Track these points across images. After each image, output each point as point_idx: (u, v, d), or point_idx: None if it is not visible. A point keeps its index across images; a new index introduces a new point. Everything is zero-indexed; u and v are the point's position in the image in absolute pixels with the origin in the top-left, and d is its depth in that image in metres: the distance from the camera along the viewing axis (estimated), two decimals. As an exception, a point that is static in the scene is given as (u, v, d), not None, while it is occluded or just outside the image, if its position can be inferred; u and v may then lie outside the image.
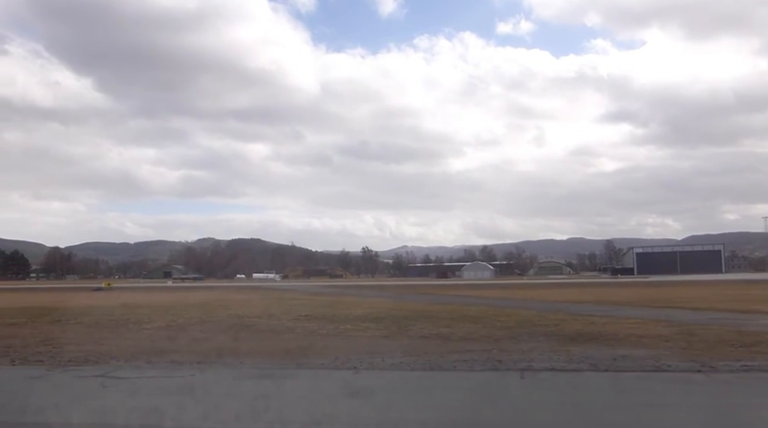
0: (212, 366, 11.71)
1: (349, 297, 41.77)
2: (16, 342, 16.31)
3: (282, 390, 9.57)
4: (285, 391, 9.45)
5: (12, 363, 12.68)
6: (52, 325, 21.78)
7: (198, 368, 11.55)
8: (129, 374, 11.03)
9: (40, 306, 33.26)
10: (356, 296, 43.01)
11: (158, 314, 25.70)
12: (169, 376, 10.78)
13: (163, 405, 8.30)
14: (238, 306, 30.98)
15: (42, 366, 12.14)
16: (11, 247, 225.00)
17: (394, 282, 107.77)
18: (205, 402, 8.69)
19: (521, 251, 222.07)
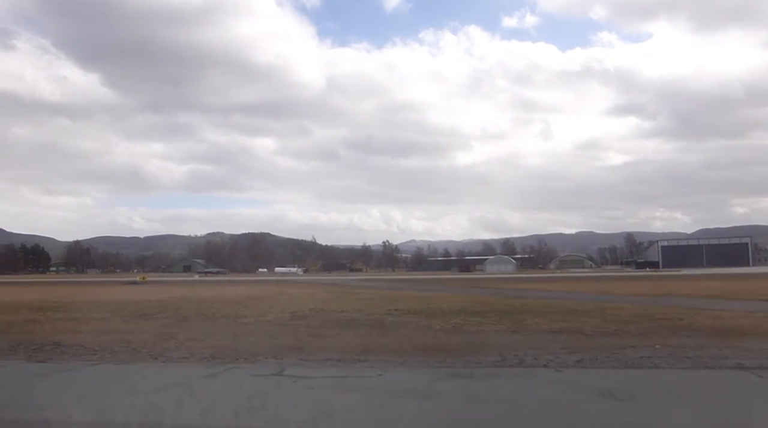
0: (385, 365, 10.75)
1: (408, 291, 40.79)
2: (133, 338, 15.50)
3: (519, 390, 8.57)
4: (524, 392, 8.45)
5: (159, 360, 11.83)
6: (142, 321, 20.98)
7: (370, 365, 10.64)
8: (306, 373, 10.10)
9: (104, 301, 32.60)
10: (412, 290, 42.07)
11: (237, 309, 24.84)
12: (357, 376, 9.81)
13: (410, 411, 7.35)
14: (313, 300, 30.12)
15: (197, 363, 11.28)
16: (22, 241, 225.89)
17: (420, 276, 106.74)
18: (453, 405, 7.71)
19: (542, 244, 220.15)
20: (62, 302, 31.55)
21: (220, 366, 10.77)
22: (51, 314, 23.25)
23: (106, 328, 18.38)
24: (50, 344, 14.58)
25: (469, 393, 8.25)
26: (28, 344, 14.67)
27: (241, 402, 7.82)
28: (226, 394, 8.50)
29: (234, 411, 7.31)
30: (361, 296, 34.31)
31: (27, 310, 25.60)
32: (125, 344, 14.54)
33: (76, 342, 15.05)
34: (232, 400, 8.07)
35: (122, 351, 13.28)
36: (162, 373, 10.43)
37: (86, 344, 14.52)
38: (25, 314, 23.84)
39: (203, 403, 7.71)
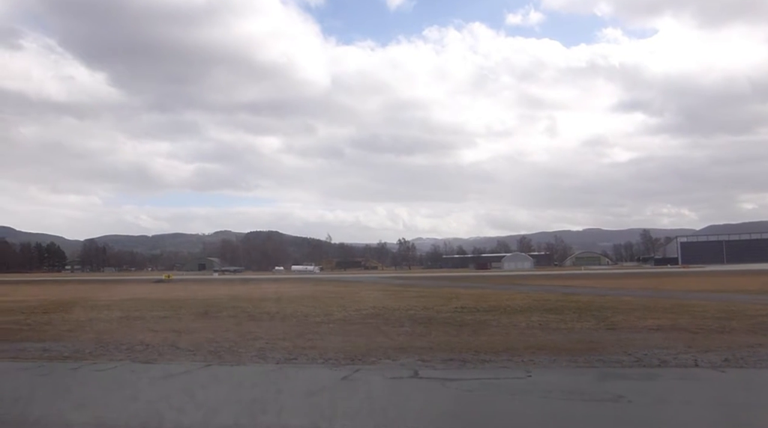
0: (526, 366, 10.17)
1: (453, 289, 40.17)
2: (218, 338, 15.01)
3: (705, 393, 7.99)
4: (714, 395, 7.88)
5: (268, 361, 11.30)
6: (209, 319, 20.54)
7: (503, 366, 10.09)
8: (446, 374, 9.56)
9: (152, 299, 32.27)
10: (456, 288, 41.44)
11: (296, 307, 24.37)
12: (506, 377, 9.26)
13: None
14: (367, 299, 29.58)
15: (312, 365, 10.75)
16: (31, 240, 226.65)
17: (442, 273, 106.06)
18: (649, 410, 7.13)
19: (559, 241, 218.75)
20: (109, 300, 31.28)
21: (344, 368, 10.18)
22: (110, 313, 22.83)
23: (178, 327, 17.95)
24: (138, 344, 14.12)
25: (654, 397, 7.66)
26: (115, 344, 14.21)
27: (426, 409, 7.33)
28: (391, 400, 7.92)
29: (427, 419, 6.78)
30: (409, 293, 33.76)
31: (81, 309, 25.22)
32: (214, 344, 14.04)
33: (162, 341, 14.61)
34: (411, 407, 7.48)
35: (220, 351, 12.76)
36: (295, 377, 9.86)
37: (176, 344, 14.09)
38: (83, 312, 23.47)
39: (381, 410, 7.18)
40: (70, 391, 8.97)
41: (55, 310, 24.73)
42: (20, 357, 12.34)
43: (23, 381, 9.74)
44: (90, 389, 9.20)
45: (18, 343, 14.55)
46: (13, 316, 22.43)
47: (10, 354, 12.82)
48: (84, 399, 8.27)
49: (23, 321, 20.56)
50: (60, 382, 9.66)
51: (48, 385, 9.42)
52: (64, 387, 9.26)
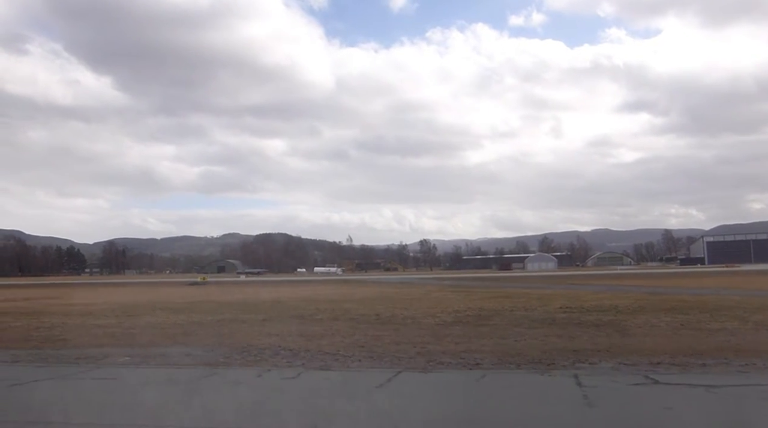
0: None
1: (516, 289, 39.31)
2: (363, 341, 14.28)
3: None
4: None
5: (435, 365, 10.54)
6: (312, 323, 19.83)
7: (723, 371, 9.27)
8: (686, 379, 8.75)
9: (226, 302, 31.69)
10: (516, 288, 40.57)
11: (384, 309, 23.64)
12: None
13: None
14: (447, 300, 28.83)
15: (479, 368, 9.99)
16: (40, 243, 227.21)
17: (472, 274, 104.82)
18: None
19: (582, 241, 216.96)
20: (187, 302, 30.85)
21: (562, 376, 9.38)
22: (209, 317, 22.15)
23: (297, 330, 17.17)
24: (270, 347, 13.43)
25: None
26: (239, 348, 13.52)
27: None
28: (684, 415, 7.11)
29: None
30: (482, 294, 32.92)
31: (200, 313, 24.57)
32: (359, 348, 13.34)
33: (347, 346, 13.78)
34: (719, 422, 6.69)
35: (376, 356, 12.00)
36: (534, 383, 9.10)
37: (320, 348, 13.36)
38: (200, 316, 22.86)
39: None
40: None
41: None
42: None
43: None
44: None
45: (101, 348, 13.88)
46: (106, 319, 21.86)
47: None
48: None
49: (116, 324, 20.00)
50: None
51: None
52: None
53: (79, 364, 11.77)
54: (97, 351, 13.55)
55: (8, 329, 19.36)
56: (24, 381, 9.91)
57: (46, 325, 20.10)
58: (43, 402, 8.24)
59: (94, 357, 12.65)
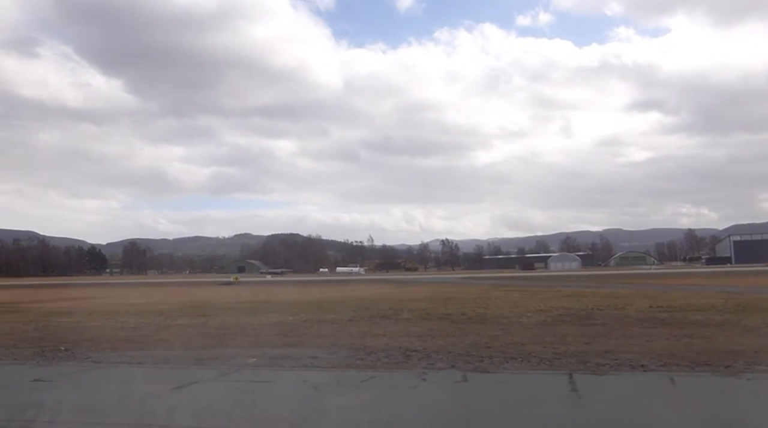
0: None
1: (575, 289, 38.55)
2: (483, 342, 13.71)
3: None
4: None
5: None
6: (400, 323, 19.30)
7: None
8: None
9: (286, 302, 31.28)
10: (577, 288, 39.79)
11: (458, 309, 23.09)
12: None
13: None
14: (520, 299, 28.17)
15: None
16: (54, 243, 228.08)
17: (500, 274, 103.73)
18: None
19: (605, 240, 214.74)
20: (244, 302, 30.46)
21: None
22: (290, 318, 21.73)
23: (398, 331, 16.67)
24: (391, 348, 12.90)
25: None
26: (357, 349, 13.02)
27: None
28: None
29: None
30: (547, 294, 32.18)
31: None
32: (487, 348, 12.77)
33: (415, 346, 13.30)
34: None
35: (522, 357, 11.41)
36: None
37: (445, 348, 12.80)
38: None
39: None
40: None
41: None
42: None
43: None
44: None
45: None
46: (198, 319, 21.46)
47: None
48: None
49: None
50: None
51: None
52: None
53: (210, 365, 11.32)
54: (217, 351, 13.10)
55: (93, 328, 18.98)
56: (191, 381, 9.38)
57: (129, 325, 19.73)
58: (242, 405, 7.74)
59: (218, 359, 12.18)
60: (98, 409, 7.73)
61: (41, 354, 13.54)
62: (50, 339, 16.14)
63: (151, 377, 10.27)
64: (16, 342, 15.77)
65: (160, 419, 7.03)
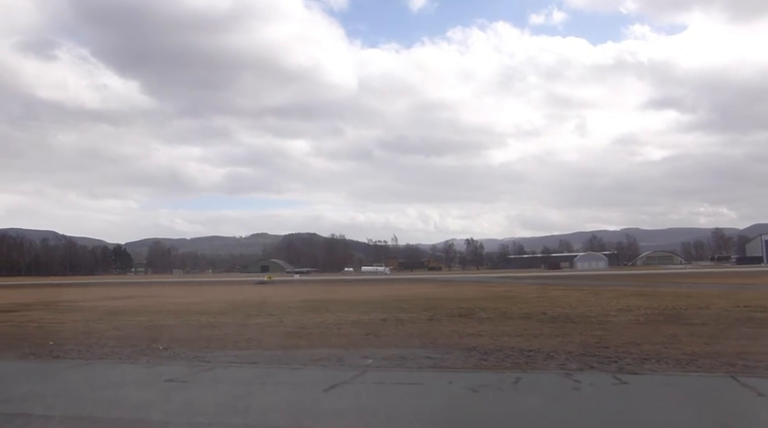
0: None
1: (624, 288, 37.78)
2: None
3: None
4: None
5: None
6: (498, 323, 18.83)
7: None
8: None
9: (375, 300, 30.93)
10: (646, 288, 38.98)
11: (535, 308, 22.54)
12: None
13: None
14: (597, 299, 27.38)
15: None
16: (72, 243, 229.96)
17: (532, 273, 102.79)
18: None
19: (631, 240, 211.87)
20: (297, 300, 30.17)
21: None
22: (364, 317, 21.35)
23: (487, 330, 16.19)
24: (502, 349, 12.42)
25: None
26: (465, 348, 12.59)
27: None
28: None
29: None
30: (610, 294, 31.39)
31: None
32: (604, 348, 12.26)
33: (522, 346, 12.85)
34: None
35: (656, 358, 10.89)
36: None
37: (552, 348, 12.32)
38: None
39: None
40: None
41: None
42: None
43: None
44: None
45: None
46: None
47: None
48: None
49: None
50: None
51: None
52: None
53: (329, 366, 10.97)
54: (317, 351, 12.73)
55: (171, 327, 18.71)
56: (336, 382, 9.01)
57: (204, 324, 19.49)
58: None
59: (328, 359, 11.82)
60: (262, 411, 7.38)
61: (142, 353, 13.30)
62: (139, 338, 15.91)
63: (286, 378, 9.90)
64: (104, 340, 15.54)
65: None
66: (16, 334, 17.54)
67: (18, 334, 17.51)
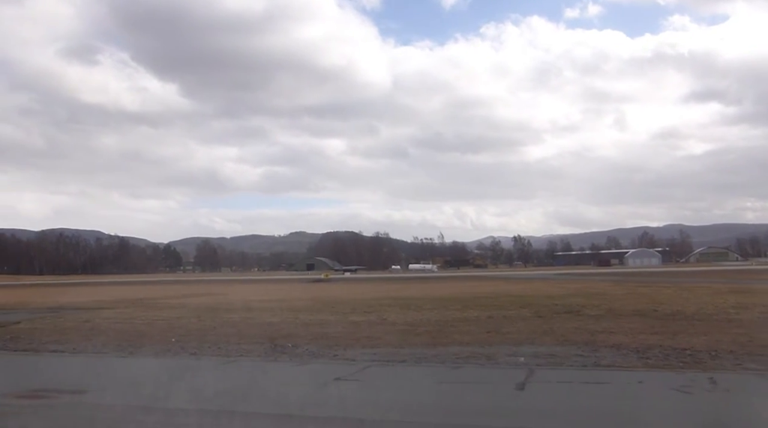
0: None
1: (714, 285, 36.49)
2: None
3: None
4: None
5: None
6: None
7: None
8: None
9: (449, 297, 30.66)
10: (697, 283, 37.71)
11: (643, 305, 21.75)
12: None
13: None
14: (665, 297, 26.48)
15: None
16: (125, 242, 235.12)
17: (590, 270, 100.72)
18: None
19: (684, 236, 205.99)
20: (371, 298, 30.02)
21: None
22: (463, 314, 21.01)
23: (605, 328, 15.59)
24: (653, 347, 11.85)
25: None
26: (608, 346, 12.08)
27: None
28: None
29: None
30: (696, 291, 30.33)
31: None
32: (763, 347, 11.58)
33: (665, 344, 12.28)
34: None
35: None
36: None
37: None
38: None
39: None
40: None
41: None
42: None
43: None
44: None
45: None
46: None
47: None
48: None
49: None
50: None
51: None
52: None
53: (484, 364, 10.64)
54: (452, 349, 12.45)
55: (275, 325, 18.65)
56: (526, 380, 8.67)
57: (300, 322, 19.37)
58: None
59: (475, 356, 11.51)
60: (476, 412, 7.08)
61: (278, 350, 13.21)
62: (256, 335, 15.87)
63: (465, 377, 9.59)
64: (226, 338, 15.53)
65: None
66: (129, 331, 17.68)
67: (130, 331, 17.63)
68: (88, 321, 21.09)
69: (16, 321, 21.16)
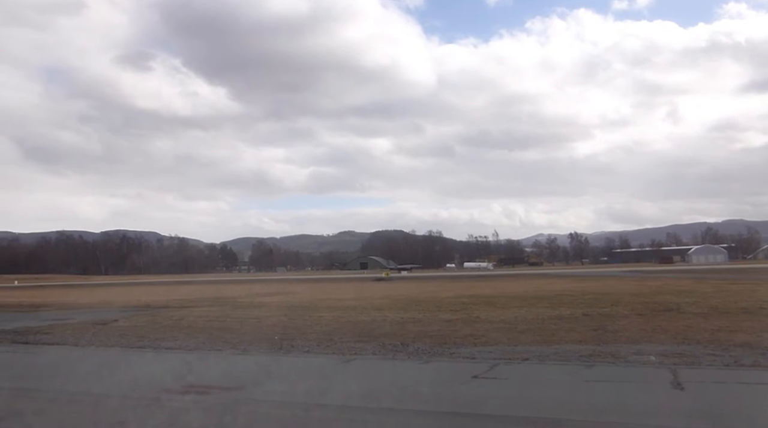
0: None
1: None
2: None
3: None
4: None
5: None
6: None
7: None
8: None
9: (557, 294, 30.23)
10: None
11: (729, 302, 20.85)
12: None
13: None
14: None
15: None
16: (172, 243, 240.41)
17: (653, 267, 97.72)
18: None
19: (753, 231, 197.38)
20: (449, 297, 29.75)
21: None
22: (567, 312, 20.60)
23: (729, 326, 14.95)
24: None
25: None
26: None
27: None
28: None
29: None
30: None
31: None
32: None
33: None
34: None
35: None
36: None
37: None
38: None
39: None
40: None
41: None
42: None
43: None
44: None
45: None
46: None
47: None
48: None
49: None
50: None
51: None
52: None
53: (614, 363, 10.31)
54: (580, 347, 12.07)
55: (374, 323, 18.67)
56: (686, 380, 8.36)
57: (399, 320, 19.33)
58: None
59: (596, 355, 11.16)
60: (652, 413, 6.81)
61: (386, 348, 13.18)
62: (353, 333, 15.91)
63: (606, 375, 9.30)
64: (329, 336, 15.60)
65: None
66: (228, 329, 17.99)
67: (230, 329, 17.93)
68: (182, 319, 21.62)
69: (114, 319, 21.89)
